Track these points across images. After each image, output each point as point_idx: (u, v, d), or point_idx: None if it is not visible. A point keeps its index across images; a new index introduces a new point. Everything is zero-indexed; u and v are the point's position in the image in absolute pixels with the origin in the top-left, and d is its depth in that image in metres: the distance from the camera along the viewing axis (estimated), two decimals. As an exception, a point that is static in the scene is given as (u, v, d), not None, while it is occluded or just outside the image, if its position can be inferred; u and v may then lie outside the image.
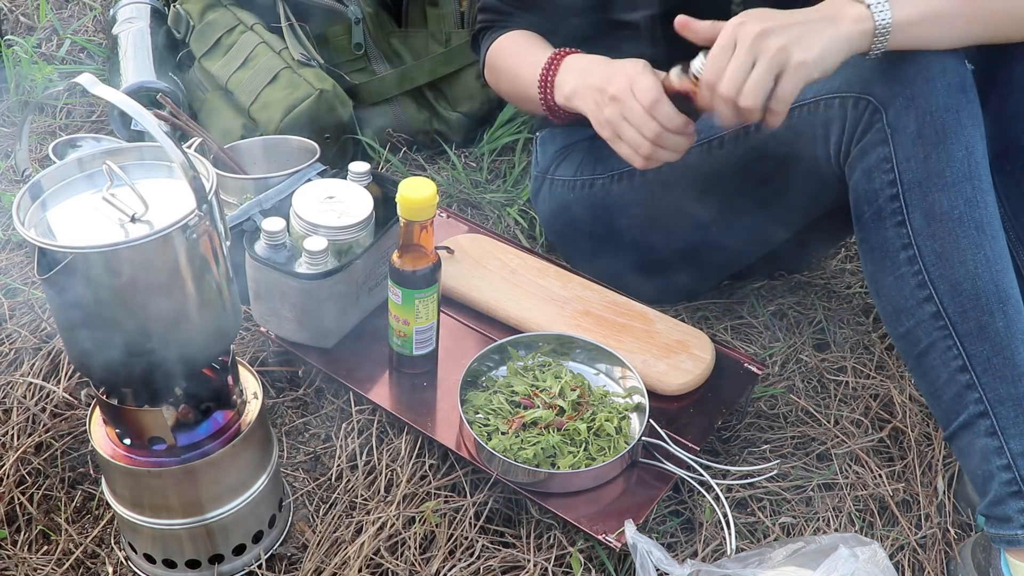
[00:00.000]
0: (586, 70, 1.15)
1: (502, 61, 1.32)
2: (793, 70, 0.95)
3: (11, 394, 1.27)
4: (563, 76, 1.19)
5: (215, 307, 0.93)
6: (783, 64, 0.95)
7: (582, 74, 1.16)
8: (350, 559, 1.09)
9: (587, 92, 1.13)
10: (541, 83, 1.21)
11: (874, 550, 1.00)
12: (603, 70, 1.12)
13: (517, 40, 1.31)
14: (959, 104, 1.02)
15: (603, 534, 1.06)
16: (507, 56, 1.31)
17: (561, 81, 1.19)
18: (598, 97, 1.11)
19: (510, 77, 1.31)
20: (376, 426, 1.24)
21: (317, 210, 1.24)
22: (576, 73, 1.17)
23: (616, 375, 1.23)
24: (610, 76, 1.10)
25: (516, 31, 1.32)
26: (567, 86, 1.17)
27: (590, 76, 1.14)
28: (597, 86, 1.11)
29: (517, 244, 1.45)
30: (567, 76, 1.18)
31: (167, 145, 0.82)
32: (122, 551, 1.12)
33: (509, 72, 1.31)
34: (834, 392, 1.36)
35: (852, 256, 1.61)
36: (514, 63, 1.29)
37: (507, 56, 1.31)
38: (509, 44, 1.32)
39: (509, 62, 1.31)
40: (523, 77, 1.26)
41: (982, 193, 1.02)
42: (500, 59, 1.33)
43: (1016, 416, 1.01)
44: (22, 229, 0.84)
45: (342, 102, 1.66)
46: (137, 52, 1.76)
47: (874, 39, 0.98)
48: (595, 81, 1.12)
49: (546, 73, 1.20)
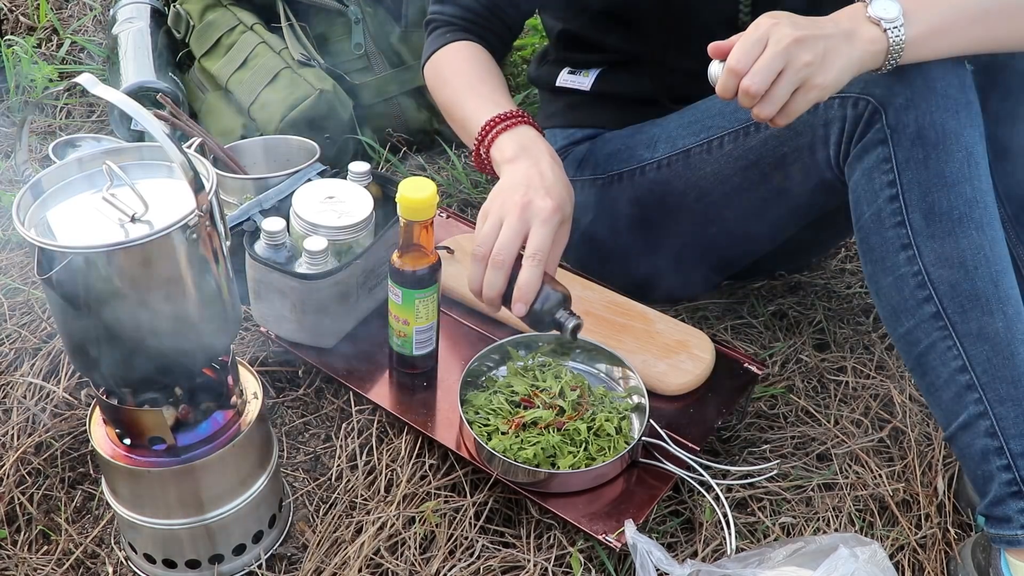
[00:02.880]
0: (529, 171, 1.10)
1: (445, 83, 1.27)
2: (810, 89, 0.96)
3: (11, 394, 1.27)
4: (508, 141, 1.14)
5: (215, 307, 0.93)
6: (804, 80, 0.96)
7: (525, 167, 1.11)
8: (350, 559, 1.09)
9: (506, 190, 1.09)
10: (482, 133, 1.17)
11: (874, 550, 1.00)
12: (530, 185, 1.08)
13: (467, 58, 1.26)
14: (959, 104, 1.02)
15: (603, 534, 1.06)
16: (455, 75, 1.26)
17: (504, 146, 1.15)
18: (508, 201, 1.08)
19: (451, 101, 1.25)
20: (376, 426, 1.24)
21: (317, 210, 1.24)
22: (525, 158, 1.12)
23: (616, 375, 1.23)
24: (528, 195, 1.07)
25: (467, 43, 1.28)
26: (508, 152, 1.14)
27: (527, 178, 1.10)
28: (516, 192, 1.08)
29: (517, 244, 1.45)
30: (511, 144, 1.14)
31: (167, 145, 0.82)
32: (122, 551, 1.12)
33: (451, 96, 1.25)
34: (834, 392, 1.36)
35: (852, 256, 1.61)
36: (458, 88, 1.24)
37: (455, 75, 1.26)
38: (457, 62, 1.27)
39: (456, 83, 1.25)
40: (465, 110, 1.21)
41: (982, 193, 1.02)
42: (445, 75, 1.27)
43: (1016, 416, 1.01)
44: (22, 229, 0.84)
45: (342, 102, 1.66)
46: (137, 52, 1.76)
47: (887, 58, 0.99)
48: (521, 188, 1.08)
49: (493, 126, 1.16)
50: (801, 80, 0.95)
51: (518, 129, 1.16)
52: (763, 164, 1.19)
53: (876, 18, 0.98)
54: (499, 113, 1.16)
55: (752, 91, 0.95)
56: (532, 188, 1.08)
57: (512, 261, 1.07)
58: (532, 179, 1.09)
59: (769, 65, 0.94)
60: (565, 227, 1.10)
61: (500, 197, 1.09)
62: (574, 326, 1.07)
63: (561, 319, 1.07)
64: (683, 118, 1.27)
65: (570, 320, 1.07)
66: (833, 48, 0.96)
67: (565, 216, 1.09)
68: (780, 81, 0.95)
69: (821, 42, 0.95)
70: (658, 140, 1.29)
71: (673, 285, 1.43)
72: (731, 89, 0.97)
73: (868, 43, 0.98)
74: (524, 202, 1.07)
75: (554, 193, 1.08)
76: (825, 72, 0.96)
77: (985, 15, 1.01)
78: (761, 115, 0.97)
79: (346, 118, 1.68)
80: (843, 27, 0.98)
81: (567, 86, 1.39)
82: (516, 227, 1.06)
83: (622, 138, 1.34)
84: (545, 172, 1.10)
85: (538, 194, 1.07)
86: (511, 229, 1.06)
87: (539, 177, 1.09)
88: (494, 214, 1.08)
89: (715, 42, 0.99)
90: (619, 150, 1.33)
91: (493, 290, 1.08)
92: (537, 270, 1.05)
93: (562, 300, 1.08)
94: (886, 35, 0.98)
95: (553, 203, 1.07)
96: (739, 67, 0.95)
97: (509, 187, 1.10)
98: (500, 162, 1.15)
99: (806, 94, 0.96)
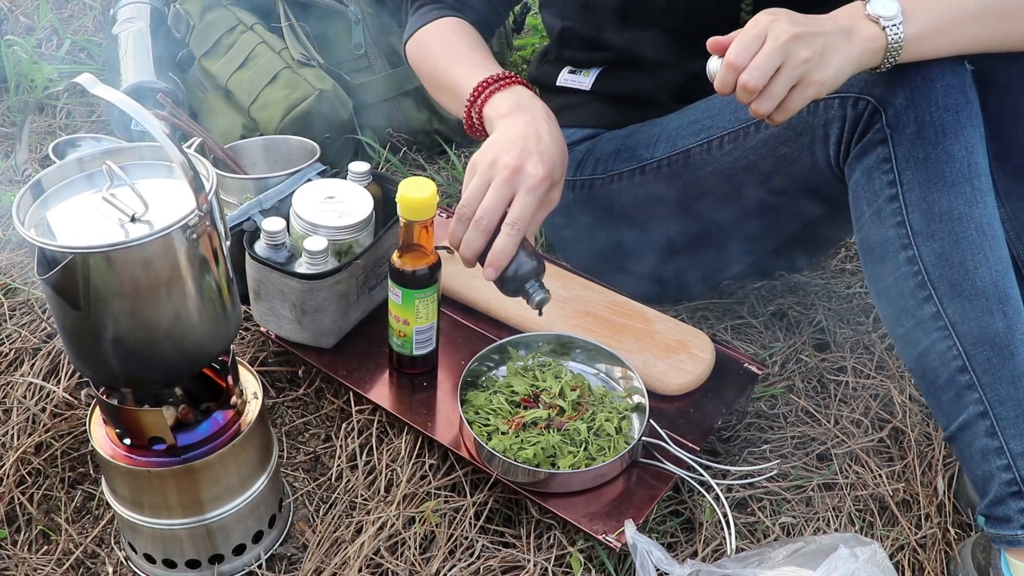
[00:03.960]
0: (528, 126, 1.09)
1: (431, 55, 1.27)
2: (808, 85, 0.96)
3: (11, 394, 1.27)
4: (503, 99, 1.14)
5: (215, 307, 0.93)
6: (802, 76, 0.96)
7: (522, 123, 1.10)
8: (350, 559, 1.09)
9: (500, 143, 1.08)
10: (474, 94, 1.16)
11: (874, 550, 1.00)
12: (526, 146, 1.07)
13: (455, 31, 1.26)
14: (959, 104, 1.02)
15: (603, 534, 1.06)
16: (443, 47, 1.26)
17: (498, 103, 1.14)
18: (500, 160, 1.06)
19: (438, 69, 1.25)
20: (376, 426, 1.24)
21: (317, 210, 1.24)
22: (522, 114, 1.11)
23: (616, 375, 1.23)
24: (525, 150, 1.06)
25: (455, 19, 1.28)
26: (503, 107, 1.13)
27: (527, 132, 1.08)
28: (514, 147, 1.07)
29: (517, 244, 1.45)
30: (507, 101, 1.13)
31: (167, 145, 0.82)
32: (122, 551, 1.12)
33: (438, 65, 1.25)
34: (834, 392, 1.36)
35: (852, 256, 1.61)
36: (448, 57, 1.24)
37: (443, 47, 1.26)
38: (445, 35, 1.27)
39: (444, 53, 1.25)
40: (456, 75, 1.20)
41: (982, 193, 1.02)
42: (431, 48, 1.28)
43: (1016, 416, 1.01)
44: (22, 229, 0.84)
45: (342, 102, 1.66)
46: (137, 52, 1.76)
47: (886, 56, 0.99)
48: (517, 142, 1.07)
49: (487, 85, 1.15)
50: (799, 76, 0.95)
51: (513, 88, 1.15)
52: (763, 164, 1.19)
53: (875, 16, 0.98)
54: (492, 74, 1.15)
55: (750, 86, 0.95)
56: (526, 150, 1.06)
57: (495, 225, 1.06)
58: (528, 138, 1.07)
59: (767, 61, 0.94)
60: (555, 191, 1.10)
61: (492, 151, 1.07)
62: (540, 299, 1.07)
63: (530, 289, 1.07)
64: (683, 118, 1.28)
65: (538, 293, 1.07)
66: (832, 45, 0.96)
67: (555, 181, 1.08)
68: (778, 77, 0.95)
69: (820, 39, 0.95)
70: (658, 140, 1.29)
71: (673, 285, 1.44)
72: (729, 84, 0.97)
73: (867, 40, 0.98)
74: (516, 165, 1.05)
75: (547, 158, 1.06)
76: (823, 69, 0.96)
77: (984, 14, 1.01)
78: (759, 111, 0.97)
79: (346, 118, 1.68)
80: (842, 24, 0.98)
81: (567, 86, 1.39)
82: (502, 192, 1.05)
83: (622, 138, 1.34)
84: (542, 132, 1.09)
85: (531, 159, 1.06)
86: (497, 194, 1.05)
87: (535, 137, 1.08)
88: (482, 172, 1.06)
89: (714, 38, 0.99)
90: (619, 150, 1.33)
91: (470, 251, 1.07)
92: (514, 238, 1.05)
93: (534, 270, 1.07)
94: (884, 33, 0.98)
95: (544, 170, 1.05)
96: (738, 62, 0.95)
97: (504, 142, 1.08)
98: (494, 118, 1.13)
99: (804, 90, 0.96)
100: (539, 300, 1.07)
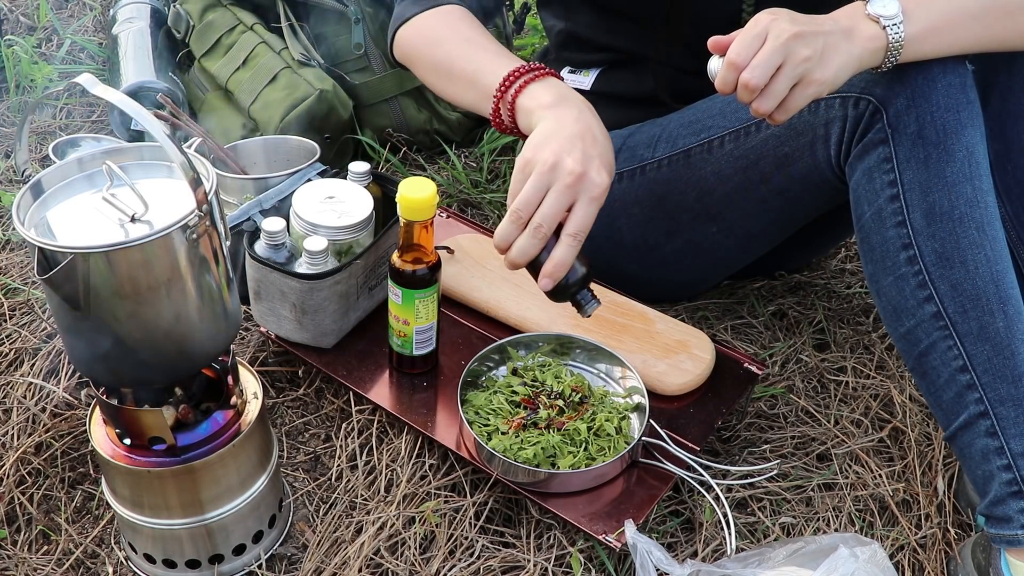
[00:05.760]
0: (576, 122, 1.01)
1: (438, 43, 1.17)
2: (809, 84, 0.96)
3: (11, 394, 1.27)
4: (543, 89, 1.05)
5: (215, 307, 0.93)
6: (803, 76, 0.96)
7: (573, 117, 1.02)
8: (350, 559, 1.09)
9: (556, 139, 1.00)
10: (506, 83, 1.07)
11: (874, 550, 1.00)
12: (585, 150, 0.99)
13: (463, 19, 1.18)
14: (959, 104, 1.02)
15: (603, 534, 1.06)
16: (452, 33, 1.16)
17: (537, 93, 1.05)
18: (561, 163, 0.98)
19: (451, 56, 1.15)
20: (376, 426, 1.24)
21: (317, 210, 1.24)
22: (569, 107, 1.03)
23: (616, 375, 1.23)
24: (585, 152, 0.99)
25: (458, 7, 1.19)
26: (546, 98, 1.04)
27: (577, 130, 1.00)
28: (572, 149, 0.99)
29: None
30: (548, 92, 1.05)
31: (167, 145, 0.82)
32: (122, 551, 1.12)
33: (450, 52, 1.15)
34: (834, 392, 1.36)
35: (852, 256, 1.61)
36: (461, 44, 1.15)
37: (452, 33, 1.16)
38: (452, 23, 1.17)
39: (456, 40, 1.16)
40: (477, 64, 1.11)
41: (982, 193, 1.02)
42: (437, 35, 1.18)
43: (1016, 416, 1.01)
44: (22, 229, 0.84)
45: (342, 102, 1.66)
46: (137, 52, 1.76)
47: (886, 56, 1.00)
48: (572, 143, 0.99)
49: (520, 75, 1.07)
50: (800, 75, 0.96)
51: (549, 80, 1.06)
52: (763, 164, 1.19)
53: (875, 15, 0.98)
54: (523, 64, 1.07)
55: (751, 85, 0.95)
56: (587, 154, 0.99)
57: (551, 232, 0.99)
58: (585, 137, 1.00)
59: (768, 59, 0.94)
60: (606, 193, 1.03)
61: (550, 150, 0.98)
62: (592, 309, 1.05)
63: (582, 300, 1.04)
64: (683, 118, 1.28)
65: (591, 305, 1.04)
66: (832, 44, 0.96)
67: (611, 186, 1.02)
68: (779, 76, 0.95)
69: (820, 38, 0.96)
70: (658, 140, 1.29)
71: (673, 285, 1.44)
72: (730, 83, 0.97)
73: (867, 40, 0.98)
74: (580, 172, 0.97)
75: (607, 163, 1.00)
76: (824, 68, 0.96)
77: (985, 13, 1.01)
78: (760, 110, 0.97)
79: (346, 118, 1.68)
80: (842, 24, 0.98)
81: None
82: (564, 200, 0.98)
83: (622, 138, 1.34)
84: (595, 131, 1.02)
85: (593, 164, 0.98)
86: (558, 202, 0.98)
87: (591, 137, 1.00)
88: (541, 174, 0.98)
89: (715, 37, 0.99)
90: (619, 150, 1.33)
91: (524, 257, 1.00)
92: (575, 249, 0.99)
93: (586, 277, 1.04)
94: (885, 32, 0.98)
95: (607, 178, 0.99)
96: (739, 60, 0.95)
97: (561, 139, 0.99)
98: (534, 108, 1.04)
99: (805, 89, 0.97)
100: (591, 310, 1.05)
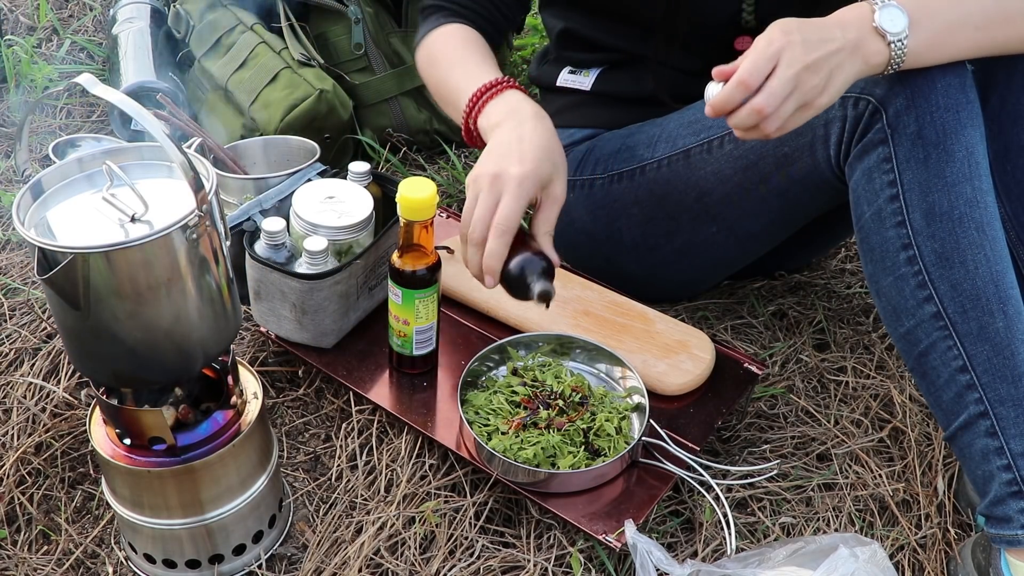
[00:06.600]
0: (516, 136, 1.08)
1: (434, 64, 1.27)
2: (810, 108, 0.98)
3: (11, 394, 1.27)
4: (495, 108, 1.14)
5: (215, 307, 0.93)
6: (809, 101, 0.97)
7: (507, 130, 1.09)
8: (350, 559, 1.09)
9: (490, 156, 1.08)
10: (469, 105, 1.16)
11: (874, 550, 1.00)
12: (506, 153, 1.07)
13: (457, 38, 1.26)
14: (959, 104, 1.02)
15: (603, 534, 1.06)
16: (444, 54, 1.26)
17: (491, 113, 1.14)
18: (482, 174, 1.06)
19: (440, 79, 1.26)
20: (376, 426, 1.24)
21: (317, 210, 1.24)
22: (508, 120, 1.11)
23: (616, 375, 1.23)
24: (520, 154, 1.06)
25: (460, 25, 1.28)
26: (494, 117, 1.13)
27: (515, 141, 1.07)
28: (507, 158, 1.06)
29: (517, 244, 1.45)
30: (497, 110, 1.13)
31: (167, 145, 0.82)
32: (122, 551, 1.12)
33: (440, 74, 1.26)
34: (834, 392, 1.36)
35: (852, 256, 1.61)
36: (447, 66, 1.24)
37: (444, 54, 1.26)
38: (447, 43, 1.26)
39: (444, 62, 1.25)
40: (456, 84, 1.20)
41: (982, 193, 1.02)
42: (435, 55, 1.27)
43: (1016, 416, 1.01)
44: (22, 229, 0.84)
45: (342, 102, 1.66)
46: (137, 52, 1.76)
47: (887, 67, 1.00)
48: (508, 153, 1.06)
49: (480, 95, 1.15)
50: (806, 101, 0.97)
51: (505, 95, 1.14)
52: (763, 164, 1.19)
53: (883, 30, 0.98)
54: (486, 82, 1.15)
55: (766, 111, 0.96)
56: (506, 156, 1.06)
57: (485, 237, 1.04)
58: (510, 144, 1.07)
59: (783, 89, 0.95)
60: (555, 186, 1.08)
61: (477, 169, 1.07)
62: (540, 291, 1.03)
63: (530, 283, 1.04)
64: (683, 118, 1.28)
65: (537, 284, 1.03)
66: (838, 66, 0.97)
67: (543, 177, 1.06)
68: (787, 103, 0.96)
69: (829, 62, 0.96)
70: (658, 140, 1.29)
71: (673, 285, 1.44)
72: (735, 101, 0.97)
73: (871, 55, 0.99)
74: (495, 172, 1.05)
75: (528, 156, 1.05)
76: (827, 93, 0.98)
77: (988, 22, 1.01)
78: (766, 130, 0.98)
79: (346, 118, 1.68)
80: (850, 37, 0.98)
81: (567, 86, 1.39)
82: (487, 202, 1.04)
83: (622, 138, 1.34)
84: (525, 135, 1.08)
85: (510, 161, 1.05)
86: (482, 205, 1.05)
87: (517, 141, 1.07)
88: (470, 190, 1.07)
89: (720, 67, 1.00)
90: (619, 150, 1.33)
91: (472, 267, 1.07)
92: (499, 240, 1.03)
93: (535, 266, 1.04)
94: (889, 48, 0.98)
95: (524, 168, 1.04)
96: (750, 81, 0.96)
97: (485, 157, 1.08)
98: (487, 128, 1.13)
99: (805, 112, 0.98)
100: (539, 292, 1.03)
